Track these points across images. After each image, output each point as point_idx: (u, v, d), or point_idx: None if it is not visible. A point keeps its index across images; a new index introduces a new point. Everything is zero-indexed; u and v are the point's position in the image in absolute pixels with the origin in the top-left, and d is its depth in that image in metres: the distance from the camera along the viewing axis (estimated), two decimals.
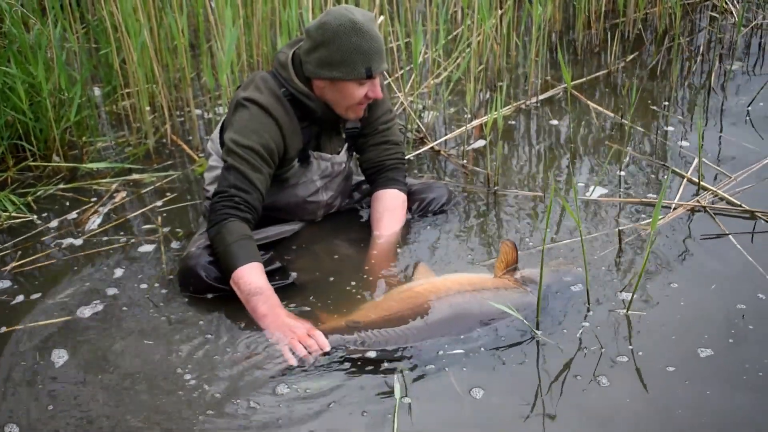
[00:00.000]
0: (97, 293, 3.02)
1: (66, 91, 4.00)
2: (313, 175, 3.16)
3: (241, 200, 2.89)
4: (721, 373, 2.49)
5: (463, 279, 2.88)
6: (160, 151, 4.20)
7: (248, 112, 2.94)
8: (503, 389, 2.48)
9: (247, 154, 2.91)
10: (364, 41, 2.88)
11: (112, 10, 4.05)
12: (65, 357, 2.68)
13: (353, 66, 2.90)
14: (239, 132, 2.92)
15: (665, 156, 3.96)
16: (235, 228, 2.85)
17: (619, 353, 2.59)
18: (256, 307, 2.73)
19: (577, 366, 2.56)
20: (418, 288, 2.80)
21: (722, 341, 2.62)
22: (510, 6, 4.72)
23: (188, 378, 2.55)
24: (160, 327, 2.81)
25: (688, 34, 5.57)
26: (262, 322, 2.71)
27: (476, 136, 4.21)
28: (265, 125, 2.94)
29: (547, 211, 2.62)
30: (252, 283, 2.77)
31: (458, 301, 2.75)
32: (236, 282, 2.79)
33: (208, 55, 4.36)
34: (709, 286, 2.92)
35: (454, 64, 4.51)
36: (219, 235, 2.85)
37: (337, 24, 2.85)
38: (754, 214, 3.38)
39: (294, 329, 2.65)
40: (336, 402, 2.44)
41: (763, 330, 2.67)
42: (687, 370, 2.51)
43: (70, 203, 3.71)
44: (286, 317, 2.70)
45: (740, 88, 4.79)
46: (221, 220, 2.86)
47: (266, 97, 2.95)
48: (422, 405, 2.42)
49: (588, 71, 5.07)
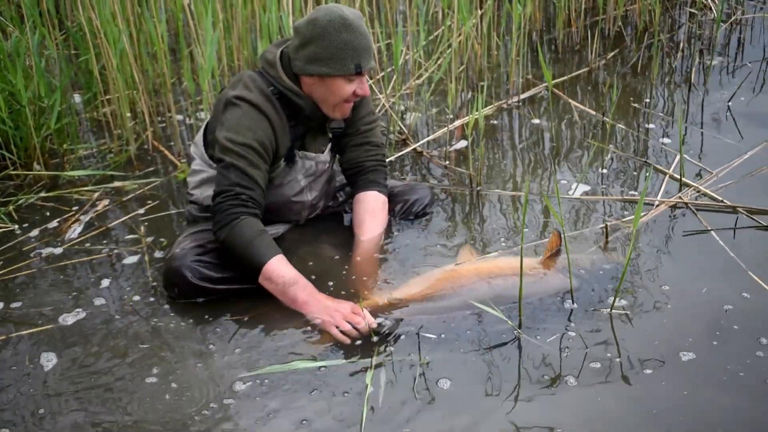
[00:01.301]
0: (80, 302, 3.00)
1: (46, 98, 3.97)
2: (298, 174, 3.15)
3: (247, 197, 2.88)
4: (703, 373, 2.49)
5: (505, 262, 2.96)
6: (141, 158, 4.18)
7: (240, 110, 2.92)
8: (472, 382, 2.50)
9: (245, 150, 2.89)
10: (354, 37, 2.89)
11: (90, 16, 4.03)
12: (50, 364, 2.66)
13: (343, 62, 2.90)
14: (233, 130, 2.90)
15: (647, 153, 3.97)
16: (250, 225, 2.84)
17: (600, 352, 2.59)
18: (296, 296, 2.78)
19: (554, 365, 2.56)
20: (461, 269, 2.88)
21: (705, 340, 2.62)
22: (490, 6, 4.72)
23: (174, 386, 2.54)
24: (145, 335, 2.79)
25: (668, 30, 5.59)
26: (304, 309, 2.77)
27: (458, 137, 4.21)
28: (257, 122, 2.93)
29: (523, 208, 2.62)
30: (285, 274, 2.80)
31: (499, 283, 2.83)
32: (268, 277, 2.81)
33: (188, 59, 4.34)
34: (693, 283, 2.92)
35: (435, 64, 4.50)
36: (233, 236, 2.83)
37: (327, 20, 2.86)
38: (736, 209, 3.39)
39: (338, 310, 2.73)
40: (304, 390, 2.48)
41: (746, 329, 2.66)
42: (669, 369, 2.51)
43: (51, 212, 3.69)
44: (328, 300, 2.79)
45: (721, 84, 4.81)
46: (232, 219, 2.84)
47: (256, 95, 2.95)
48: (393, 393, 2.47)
49: (569, 69, 5.08)
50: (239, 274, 2.91)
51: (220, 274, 2.90)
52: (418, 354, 2.61)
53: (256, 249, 2.82)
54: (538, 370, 2.54)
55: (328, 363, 2.59)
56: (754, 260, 3.02)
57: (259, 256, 2.81)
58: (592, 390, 2.45)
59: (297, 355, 2.64)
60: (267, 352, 2.67)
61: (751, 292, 2.85)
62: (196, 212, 3.15)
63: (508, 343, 2.65)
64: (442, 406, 2.42)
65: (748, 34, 5.45)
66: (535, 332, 2.70)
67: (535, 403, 2.41)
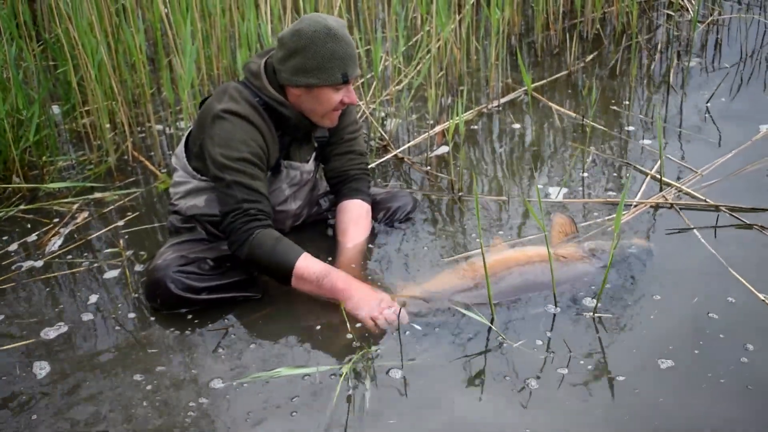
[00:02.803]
0: (62, 315, 2.98)
1: (24, 110, 3.95)
2: (282, 183, 3.14)
3: (256, 211, 2.87)
4: (682, 379, 2.49)
5: (532, 251, 3.04)
6: (122, 169, 4.16)
7: (230, 124, 2.90)
8: (455, 387, 2.52)
9: (242, 165, 2.88)
10: (340, 47, 2.89)
11: (67, 27, 4.01)
12: (33, 378, 2.65)
13: (329, 72, 2.90)
14: (226, 145, 2.88)
15: (628, 155, 3.98)
16: (266, 236, 2.85)
17: (580, 358, 2.60)
18: (333, 287, 2.83)
19: (531, 369, 2.57)
20: (490, 260, 2.90)
21: (687, 344, 2.63)
22: (468, 10, 4.72)
23: (158, 398, 2.53)
24: (127, 347, 2.78)
25: (646, 32, 5.61)
26: (341, 296, 2.82)
27: (439, 143, 4.21)
28: (249, 134, 2.91)
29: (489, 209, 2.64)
30: (315, 270, 2.84)
31: (527, 270, 2.93)
32: (300, 276, 2.83)
33: (167, 69, 4.32)
34: (677, 285, 2.93)
35: (415, 70, 4.50)
36: (253, 250, 2.84)
37: (312, 31, 2.86)
38: (718, 208, 3.41)
39: (373, 300, 2.80)
40: (287, 397, 2.49)
41: (729, 333, 2.66)
42: (647, 376, 2.52)
43: (31, 225, 3.66)
44: (365, 287, 2.86)
45: (699, 85, 4.83)
46: (248, 237, 2.84)
47: (244, 107, 2.93)
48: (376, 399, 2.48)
49: (549, 73, 5.09)
50: (221, 283, 2.92)
51: (202, 284, 2.89)
52: (400, 359, 2.61)
53: (280, 256, 2.83)
54: (516, 374, 2.54)
55: (311, 370, 2.59)
56: (738, 260, 3.03)
57: (285, 262, 2.83)
58: (564, 396, 2.45)
59: (280, 363, 2.64)
60: (250, 361, 2.67)
61: (736, 295, 2.85)
62: (178, 223, 3.14)
63: (491, 348, 2.66)
64: (425, 410, 2.43)
65: (725, 35, 5.48)
66: (515, 335, 2.70)
67: (512, 408, 2.42)
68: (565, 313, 2.80)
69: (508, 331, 2.73)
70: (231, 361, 2.67)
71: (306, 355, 2.69)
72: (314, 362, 2.64)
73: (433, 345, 2.69)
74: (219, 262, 2.98)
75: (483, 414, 2.41)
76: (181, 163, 3.11)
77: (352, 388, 2.51)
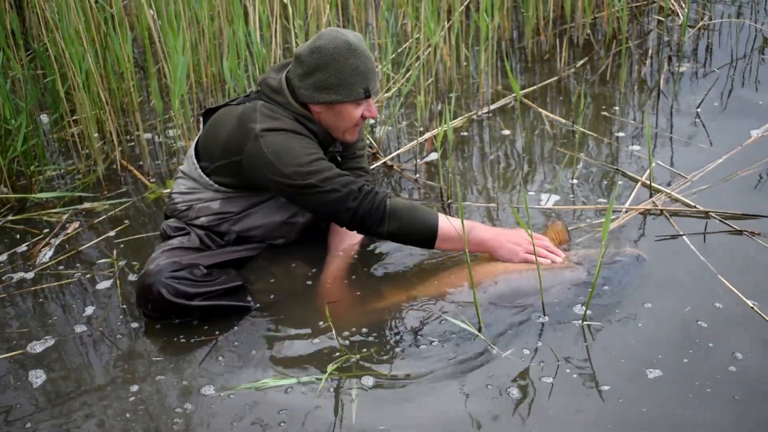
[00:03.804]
0: (51, 327, 2.97)
1: (12, 120, 3.93)
2: None
3: (362, 186, 2.90)
4: (670, 388, 2.48)
5: None
6: (111, 178, 4.14)
7: (282, 139, 2.89)
8: (443, 395, 2.52)
9: (317, 164, 2.88)
10: (361, 62, 2.88)
11: (54, 37, 4.00)
12: (20, 392, 2.64)
13: (352, 87, 2.90)
14: (292, 157, 2.87)
15: (618, 161, 3.97)
16: (398, 205, 2.91)
17: (567, 368, 2.59)
18: (480, 240, 2.94)
19: (515, 377, 2.56)
20: (478, 267, 2.94)
21: (675, 353, 2.62)
22: (458, 17, 4.72)
23: (147, 410, 2.53)
24: (116, 359, 2.78)
25: (636, 37, 5.61)
26: (490, 246, 2.95)
27: (429, 149, 4.20)
28: (303, 140, 2.92)
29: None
30: (455, 227, 2.87)
31: (514, 278, 2.92)
32: (445, 238, 2.91)
33: (155, 77, 4.31)
34: (665, 291, 2.92)
35: (404, 77, 4.50)
36: (393, 225, 2.89)
37: (332, 47, 2.85)
38: (708, 214, 3.40)
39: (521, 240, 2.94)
40: (275, 408, 2.49)
41: (716, 341, 2.65)
42: (634, 386, 2.51)
43: (21, 236, 3.65)
44: (508, 232, 2.98)
45: (690, 90, 4.82)
46: (383, 214, 2.88)
47: (286, 122, 2.93)
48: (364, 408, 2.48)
49: (539, 78, 5.09)
50: (213, 290, 2.91)
51: (195, 290, 2.88)
52: (389, 368, 2.61)
53: (421, 222, 2.90)
54: (503, 383, 2.54)
55: (295, 381, 2.58)
56: (728, 267, 3.02)
57: (429, 226, 2.89)
58: (551, 406, 2.45)
59: (269, 373, 2.64)
60: (238, 372, 2.67)
61: (726, 302, 2.84)
62: (171, 231, 3.13)
63: (478, 356, 2.66)
64: (413, 419, 2.43)
65: (716, 40, 5.48)
66: (503, 344, 2.70)
67: (498, 417, 2.41)
68: (553, 321, 2.79)
69: (496, 339, 2.72)
70: (219, 372, 2.66)
71: (294, 366, 2.68)
72: (302, 372, 2.63)
73: (420, 353, 2.68)
74: (212, 269, 2.97)
75: (470, 423, 2.40)
76: (194, 176, 3.10)
77: (339, 398, 2.51)
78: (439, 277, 3.01)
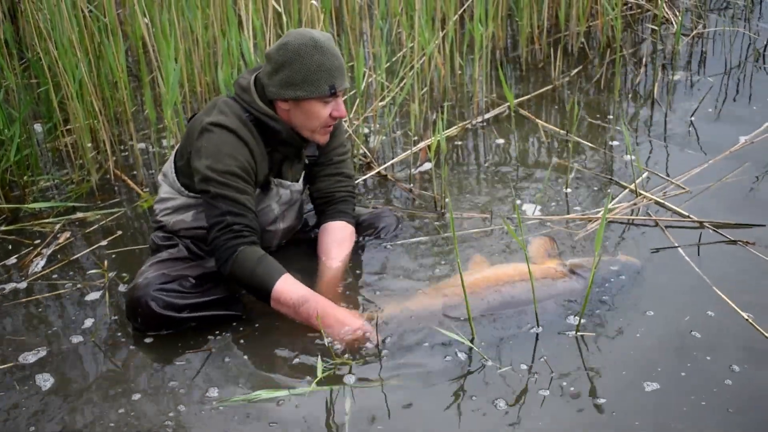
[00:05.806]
0: (41, 339, 2.96)
1: (5, 130, 3.92)
2: (272, 201, 3.12)
3: (240, 226, 2.86)
4: (665, 401, 2.48)
5: (513, 269, 3.03)
6: (104, 188, 4.13)
7: (217, 137, 2.89)
8: (435, 407, 2.51)
9: (228, 178, 2.86)
10: (326, 59, 2.88)
11: (48, 46, 3.99)
12: (12, 402, 2.63)
13: (317, 84, 2.89)
14: (213, 158, 2.87)
15: (611, 170, 3.97)
16: (248, 255, 2.84)
17: (561, 381, 2.58)
18: (309, 315, 2.80)
19: (508, 389, 2.56)
20: (471, 278, 2.93)
21: (671, 366, 2.62)
22: (452, 26, 4.72)
23: (140, 421, 2.51)
24: (106, 370, 2.77)
25: (630, 45, 5.62)
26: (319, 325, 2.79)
27: (423, 159, 4.20)
28: (237, 148, 2.90)
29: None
30: (293, 294, 2.82)
31: (508, 290, 2.92)
32: (278, 300, 2.82)
33: (149, 87, 4.30)
34: (659, 302, 2.92)
35: (398, 86, 4.49)
36: (235, 270, 2.84)
37: (298, 44, 2.85)
38: (702, 224, 3.40)
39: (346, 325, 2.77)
40: (266, 421, 2.48)
41: (712, 354, 2.65)
42: (630, 398, 2.50)
43: (13, 246, 3.63)
44: (340, 314, 2.80)
45: (684, 98, 4.82)
46: (230, 254, 2.84)
47: (232, 120, 2.92)
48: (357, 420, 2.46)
49: (534, 87, 5.09)
50: (203, 301, 2.92)
51: (184, 301, 2.88)
52: (380, 380, 2.61)
53: (260, 278, 2.83)
54: (497, 395, 2.53)
55: (291, 392, 2.57)
56: (722, 277, 3.02)
57: (264, 283, 2.83)
58: (545, 418, 2.44)
59: (262, 384, 2.63)
60: (232, 383, 2.66)
61: (721, 313, 2.84)
62: (160, 241, 3.12)
63: (471, 368, 2.65)
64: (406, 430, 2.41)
65: (710, 48, 5.49)
66: (496, 355, 2.69)
67: (493, 430, 2.41)
68: (547, 332, 2.78)
69: (489, 350, 2.71)
70: (213, 383, 2.65)
71: (287, 377, 2.68)
72: (295, 383, 2.62)
73: (413, 365, 2.67)
74: (200, 280, 2.97)
75: None
76: (168, 180, 3.10)
77: (332, 410, 2.50)
78: (432, 289, 3.00)
